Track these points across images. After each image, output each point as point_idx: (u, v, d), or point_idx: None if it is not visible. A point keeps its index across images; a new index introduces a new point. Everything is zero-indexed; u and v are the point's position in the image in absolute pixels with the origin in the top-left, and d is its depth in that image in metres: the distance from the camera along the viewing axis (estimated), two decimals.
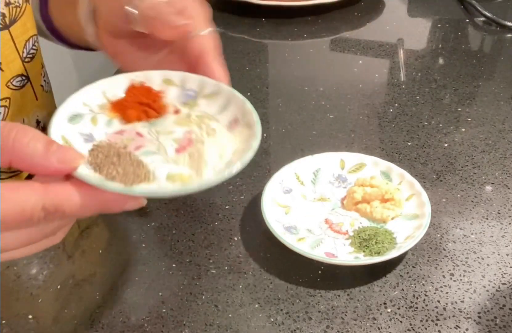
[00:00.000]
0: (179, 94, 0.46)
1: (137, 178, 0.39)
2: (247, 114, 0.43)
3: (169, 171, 0.40)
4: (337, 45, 0.88)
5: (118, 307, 0.46)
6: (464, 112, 0.69)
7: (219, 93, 0.45)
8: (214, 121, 0.44)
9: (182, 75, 0.46)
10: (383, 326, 0.43)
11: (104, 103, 0.45)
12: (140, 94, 0.46)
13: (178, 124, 0.44)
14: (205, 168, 0.40)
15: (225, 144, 0.42)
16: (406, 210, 0.51)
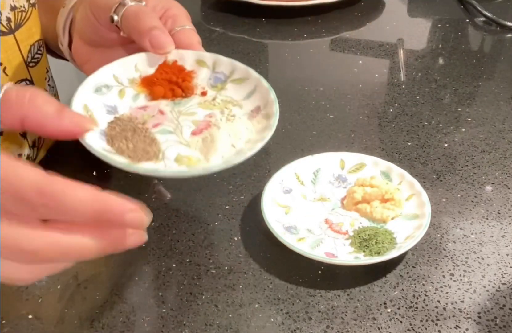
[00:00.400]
0: (209, 76, 0.47)
1: (145, 155, 0.40)
2: (268, 104, 0.44)
3: (180, 152, 0.41)
4: (337, 45, 0.88)
5: (118, 307, 0.46)
6: (464, 112, 0.69)
7: (248, 79, 0.46)
8: (237, 107, 0.45)
9: (214, 57, 0.47)
10: (383, 326, 0.43)
11: (135, 77, 0.47)
12: (171, 72, 0.46)
13: (202, 107, 0.45)
14: (215, 153, 0.41)
15: (241, 131, 0.42)
16: (406, 210, 0.51)
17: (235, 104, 0.45)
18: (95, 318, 0.45)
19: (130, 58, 0.47)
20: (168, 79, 0.46)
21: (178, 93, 0.46)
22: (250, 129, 0.43)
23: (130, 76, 0.46)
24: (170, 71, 0.46)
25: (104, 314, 0.45)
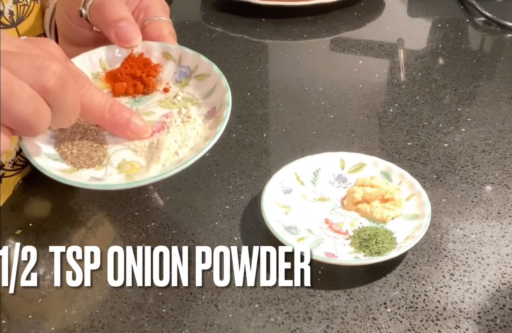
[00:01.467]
0: (175, 71, 0.46)
1: (88, 161, 0.40)
2: (222, 107, 0.43)
3: (125, 157, 0.41)
4: (337, 45, 0.88)
5: (118, 307, 0.46)
6: (464, 112, 0.69)
7: (209, 75, 0.45)
8: (196, 106, 0.44)
9: (180, 50, 0.46)
10: (383, 326, 0.43)
11: (99, 72, 0.46)
12: (136, 66, 0.46)
13: (161, 105, 0.44)
14: (157, 161, 0.40)
15: (190, 137, 0.42)
16: (406, 210, 0.51)
17: (194, 103, 0.44)
18: (95, 318, 0.45)
19: (95, 52, 0.46)
20: (132, 74, 0.45)
21: (140, 90, 0.45)
22: (199, 134, 0.42)
23: (94, 70, 0.46)
24: (136, 65, 0.46)
25: (104, 314, 0.45)
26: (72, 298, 0.47)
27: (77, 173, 0.39)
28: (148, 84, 0.45)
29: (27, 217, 0.55)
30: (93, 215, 0.55)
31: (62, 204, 0.57)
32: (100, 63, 0.46)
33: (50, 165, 0.38)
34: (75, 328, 0.44)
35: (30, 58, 0.34)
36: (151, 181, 0.39)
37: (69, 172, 0.39)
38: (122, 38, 0.45)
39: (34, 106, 0.34)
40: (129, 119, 0.40)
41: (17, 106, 0.33)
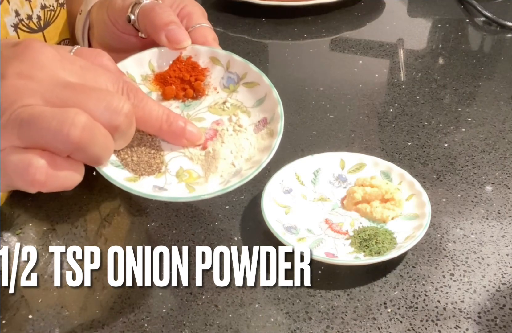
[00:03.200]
0: (222, 76, 0.47)
1: (148, 168, 0.41)
2: (275, 118, 0.44)
3: (182, 165, 0.42)
4: (337, 45, 0.88)
5: (118, 307, 0.46)
6: (464, 112, 0.69)
7: (259, 84, 0.46)
8: (246, 115, 0.45)
9: (228, 56, 0.47)
10: (383, 326, 0.43)
11: (148, 74, 0.47)
12: (185, 70, 0.46)
13: (211, 111, 0.45)
14: (215, 171, 0.41)
15: (244, 148, 0.43)
16: (406, 210, 0.51)
17: (243, 111, 0.45)
18: (95, 318, 0.45)
19: (144, 54, 0.47)
20: (181, 78, 0.46)
21: (190, 94, 0.46)
22: (253, 146, 0.43)
23: (143, 72, 0.47)
24: (184, 68, 0.47)
25: (104, 314, 0.45)
26: (72, 298, 0.47)
27: (139, 181, 0.40)
28: (198, 89, 0.46)
29: (27, 217, 0.55)
30: (93, 215, 0.55)
31: (62, 204, 0.57)
32: (150, 65, 0.47)
33: (116, 174, 0.39)
34: (75, 328, 0.44)
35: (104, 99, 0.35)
36: (214, 195, 0.40)
37: (133, 180, 0.40)
38: (173, 40, 0.46)
39: (106, 145, 0.36)
40: (184, 128, 0.42)
41: (93, 148, 0.35)
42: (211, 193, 0.40)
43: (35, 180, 0.34)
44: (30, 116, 0.33)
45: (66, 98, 0.35)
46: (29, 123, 0.33)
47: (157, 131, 0.41)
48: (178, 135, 0.42)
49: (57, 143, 0.34)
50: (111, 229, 0.54)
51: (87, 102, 0.35)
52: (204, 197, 0.40)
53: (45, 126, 0.33)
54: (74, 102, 0.35)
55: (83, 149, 0.35)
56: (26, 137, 0.34)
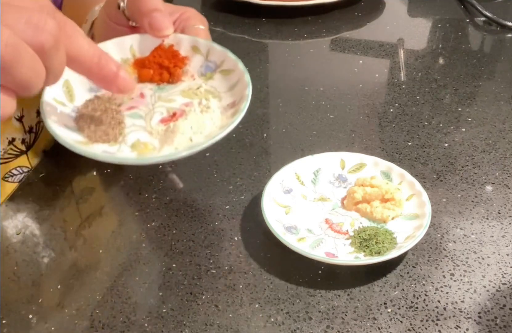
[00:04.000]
0: (201, 64, 0.47)
1: (104, 136, 0.41)
2: (242, 100, 0.43)
3: (140, 138, 0.42)
4: (337, 45, 0.88)
5: (118, 307, 0.46)
6: (464, 112, 0.69)
7: (234, 71, 0.46)
8: (217, 99, 0.45)
9: (209, 45, 0.47)
10: (383, 326, 0.43)
11: (128, 58, 0.47)
12: (165, 56, 0.47)
13: (183, 95, 0.45)
14: (170, 144, 0.41)
15: (206, 125, 0.43)
16: (406, 210, 0.51)
17: (215, 96, 0.45)
18: (95, 318, 0.45)
19: (126, 39, 0.47)
20: (159, 63, 0.46)
21: (165, 78, 0.46)
22: (215, 124, 0.43)
23: (124, 56, 0.47)
24: (164, 55, 0.47)
25: (104, 314, 0.45)
26: (72, 298, 0.47)
27: (91, 145, 0.40)
28: (174, 74, 0.46)
29: (27, 217, 0.55)
30: (93, 215, 0.55)
31: (62, 204, 0.57)
32: (131, 49, 0.47)
33: (67, 135, 0.39)
34: (75, 328, 0.44)
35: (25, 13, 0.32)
36: (160, 160, 0.40)
37: (84, 143, 0.40)
38: (155, 27, 0.46)
39: (34, 66, 0.33)
40: (116, 73, 0.39)
41: (20, 69, 0.32)
42: (157, 157, 0.40)
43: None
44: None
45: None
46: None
47: (86, 72, 0.39)
48: (109, 80, 0.39)
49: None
50: (111, 229, 0.54)
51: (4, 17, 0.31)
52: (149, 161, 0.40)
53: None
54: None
55: (9, 69, 0.31)
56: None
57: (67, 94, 0.43)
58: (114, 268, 0.50)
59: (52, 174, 0.61)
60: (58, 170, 0.61)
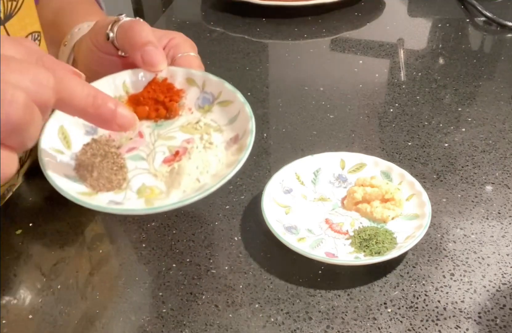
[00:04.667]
0: (198, 96, 0.46)
1: (108, 184, 0.39)
2: (246, 134, 0.42)
3: (145, 182, 0.40)
4: (337, 45, 0.88)
5: (118, 307, 0.46)
6: (464, 112, 0.69)
7: (233, 102, 0.44)
8: (218, 132, 0.44)
9: (203, 76, 0.46)
10: (384, 326, 0.43)
11: (122, 95, 0.45)
12: (159, 91, 0.45)
13: (182, 130, 0.44)
14: (178, 187, 0.40)
15: (211, 163, 0.41)
16: (406, 210, 0.51)
17: (216, 129, 0.44)
18: (95, 318, 0.45)
19: (118, 75, 0.46)
20: (154, 98, 0.45)
21: (162, 114, 0.45)
22: (221, 162, 0.42)
23: (117, 94, 0.45)
24: (159, 89, 0.45)
25: (104, 314, 0.45)
26: (72, 298, 0.47)
27: (96, 196, 0.39)
28: (171, 109, 0.45)
29: (27, 217, 0.55)
30: (93, 215, 0.55)
31: (62, 204, 0.57)
32: (124, 86, 0.46)
33: (69, 187, 0.37)
34: (75, 328, 0.44)
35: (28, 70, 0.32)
36: (170, 208, 0.37)
37: (88, 194, 0.38)
38: (148, 62, 0.45)
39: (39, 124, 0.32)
40: (114, 111, 0.37)
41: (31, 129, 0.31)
42: (167, 205, 0.38)
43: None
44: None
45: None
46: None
47: (82, 114, 0.37)
48: (107, 119, 0.37)
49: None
50: (111, 229, 0.54)
51: (8, 76, 0.30)
52: (159, 210, 0.38)
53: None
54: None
55: (21, 131, 0.30)
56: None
57: (64, 141, 0.41)
58: (114, 267, 0.50)
59: None
60: None
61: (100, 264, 0.50)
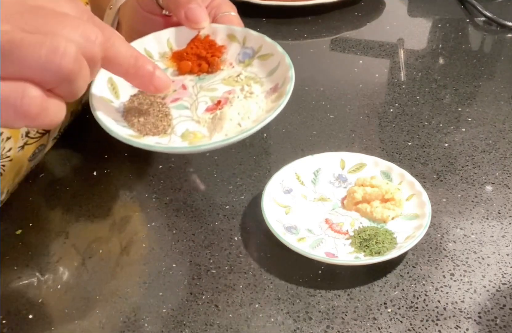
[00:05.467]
0: (239, 51, 0.48)
1: (154, 129, 0.42)
2: (285, 83, 0.44)
3: (188, 127, 0.43)
4: (337, 45, 0.88)
5: (118, 307, 0.46)
6: (464, 112, 0.69)
7: (273, 55, 0.47)
8: (258, 84, 0.46)
9: (244, 32, 0.48)
10: (384, 326, 0.43)
11: (166, 51, 0.48)
12: (202, 47, 0.48)
13: (224, 83, 0.46)
14: (220, 131, 0.42)
15: (252, 110, 0.43)
16: (406, 210, 0.51)
17: (257, 81, 0.46)
18: (95, 318, 0.45)
19: (163, 33, 0.48)
20: (197, 54, 0.47)
21: (205, 69, 0.47)
22: (262, 108, 0.44)
23: (161, 50, 0.48)
24: (201, 45, 0.47)
25: (104, 314, 0.45)
26: (72, 298, 0.47)
27: (143, 138, 0.41)
28: (212, 64, 0.47)
29: (27, 217, 0.55)
30: (93, 215, 0.55)
31: (62, 204, 0.57)
32: (168, 43, 0.48)
33: (119, 129, 0.40)
34: (75, 328, 0.44)
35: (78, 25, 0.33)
36: (213, 147, 0.40)
37: (136, 137, 0.41)
38: (191, 19, 0.47)
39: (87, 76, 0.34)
40: (152, 73, 0.40)
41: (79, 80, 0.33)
42: (209, 143, 0.41)
43: (28, 112, 0.32)
44: (9, 44, 0.31)
45: (38, 24, 0.32)
46: (11, 52, 0.31)
47: (123, 74, 0.40)
48: (145, 80, 0.40)
49: (46, 73, 0.32)
50: (111, 229, 0.54)
51: (61, 29, 0.32)
52: (202, 148, 0.41)
53: (33, 55, 0.31)
54: (47, 29, 0.32)
55: (71, 81, 0.33)
56: (6, 68, 0.31)
57: (112, 91, 0.44)
58: (114, 268, 0.50)
59: (52, 172, 0.61)
60: (59, 171, 0.61)
61: (100, 264, 0.50)
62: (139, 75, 0.40)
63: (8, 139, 0.55)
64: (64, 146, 0.63)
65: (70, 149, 0.63)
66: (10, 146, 0.55)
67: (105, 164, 0.61)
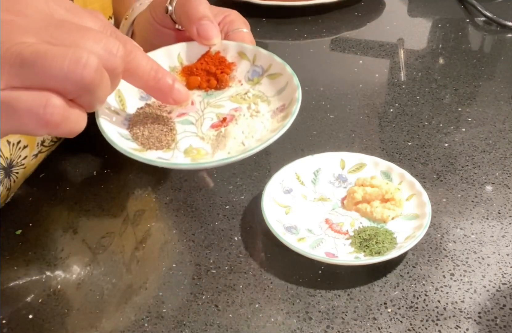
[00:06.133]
0: (248, 69, 0.48)
1: (157, 143, 0.42)
2: (291, 103, 0.44)
3: (192, 143, 0.43)
4: (337, 45, 0.88)
5: (118, 307, 0.46)
6: (464, 112, 0.69)
7: (282, 74, 0.47)
8: (265, 103, 0.46)
9: (254, 51, 0.49)
10: (384, 326, 0.43)
11: (176, 66, 0.49)
12: (212, 63, 0.48)
13: (231, 100, 0.46)
14: (223, 149, 0.42)
15: (257, 129, 0.43)
16: (406, 210, 0.51)
17: (264, 100, 0.46)
18: (95, 318, 0.45)
19: (174, 47, 0.49)
20: (207, 70, 0.47)
21: (213, 85, 0.47)
22: (266, 128, 0.44)
23: (171, 64, 0.48)
24: (211, 61, 0.48)
25: (104, 314, 0.45)
26: (72, 298, 0.47)
27: (146, 152, 0.41)
28: (221, 80, 0.47)
29: (27, 217, 0.55)
30: (93, 215, 0.55)
31: (62, 204, 0.57)
32: (178, 58, 0.49)
33: (122, 143, 0.41)
34: (75, 328, 0.44)
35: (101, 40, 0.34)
36: (214, 164, 0.41)
37: (139, 150, 0.41)
38: (203, 35, 0.47)
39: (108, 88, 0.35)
40: (171, 86, 0.41)
41: (100, 91, 0.34)
42: (211, 161, 0.41)
43: (50, 121, 0.33)
44: (34, 55, 0.32)
45: (62, 37, 0.33)
46: (35, 62, 0.32)
47: (143, 86, 0.41)
48: (165, 92, 0.41)
49: (68, 83, 0.33)
50: (111, 229, 0.54)
51: (84, 42, 0.34)
52: (204, 166, 0.41)
53: (56, 66, 0.32)
54: (70, 42, 0.33)
55: (92, 92, 0.34)
56: (30, 78, 0.32)
57: (120, 103, 0.44)
58: (114, 268, 0.50)
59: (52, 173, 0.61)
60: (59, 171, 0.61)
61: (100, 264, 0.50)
62: (159, 88, 0.41)
63: (25, 148, 0.55)
64: (64, 146, 0.63)
65: (70, 149, 0.63)
66: (25, 155, 0.55)
67: (105, 165, 0.61)
